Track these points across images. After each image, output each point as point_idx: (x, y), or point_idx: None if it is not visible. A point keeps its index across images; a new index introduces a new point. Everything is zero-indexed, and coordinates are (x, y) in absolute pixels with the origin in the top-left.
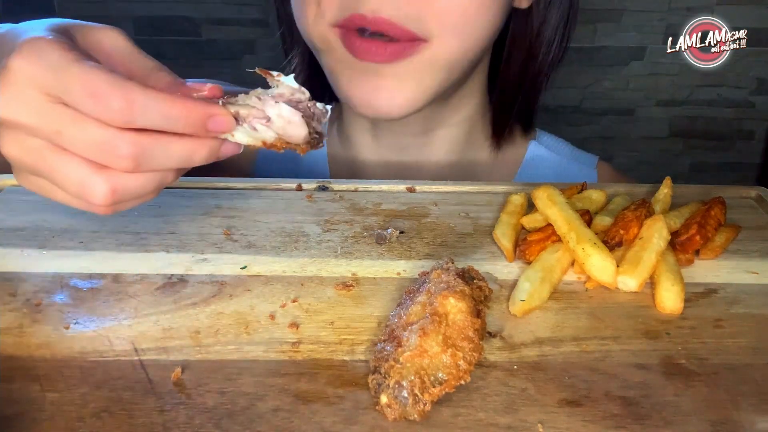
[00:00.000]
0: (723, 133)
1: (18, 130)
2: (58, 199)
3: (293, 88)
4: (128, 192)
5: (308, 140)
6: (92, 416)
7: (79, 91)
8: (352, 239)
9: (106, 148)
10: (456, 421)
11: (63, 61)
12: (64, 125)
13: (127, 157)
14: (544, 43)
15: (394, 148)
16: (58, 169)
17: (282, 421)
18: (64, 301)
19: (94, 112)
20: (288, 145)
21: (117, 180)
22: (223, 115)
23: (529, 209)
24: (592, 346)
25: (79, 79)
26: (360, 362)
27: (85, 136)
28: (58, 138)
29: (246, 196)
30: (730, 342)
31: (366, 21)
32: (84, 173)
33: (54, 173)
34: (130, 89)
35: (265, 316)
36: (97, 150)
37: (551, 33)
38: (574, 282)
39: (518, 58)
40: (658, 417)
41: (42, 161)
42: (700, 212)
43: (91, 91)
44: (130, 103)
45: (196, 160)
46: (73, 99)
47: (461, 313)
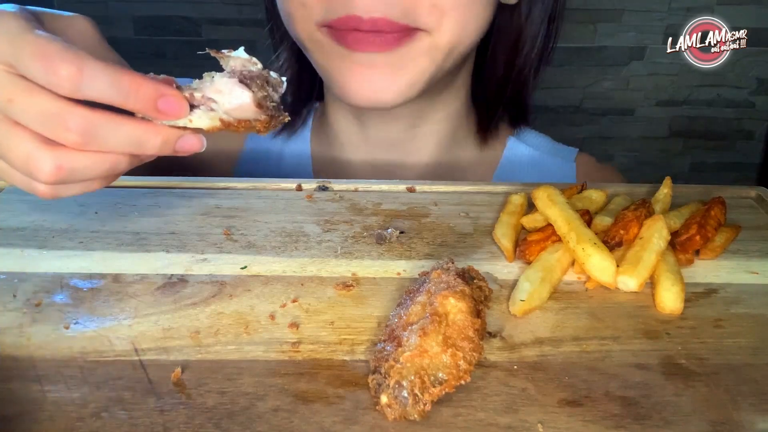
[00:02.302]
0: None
1: None
2: (5, 177)
3: (244, 59)
4: (74, 171)
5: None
6: (92, 416)
7: (29, 55)
8: (352, 239)
9: (55, 120)
10: (456, 421)
11: (19, 29)
12: (15, 94)
13: (75, 130)
14: (528, 38)
15: (380, 146)
16: (6, 141)
17: (282, 421)
18: (64, 301)
19: (43, 78)
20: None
21: (64, 157)
22: (174, 96)
23: (529, 209)
24: (592, 346)
25: (30, 43)
26: (360, 362)
27: (35, 107)
28: (9, 108)
29: (246, 196)
30: (730, 342)
31: (361, 22)
32: (31, 146)
33: (1, 146)
34: (81, 57)
35: (265, 316)
36: (46, 122)
37: (536, 27)
38: (574, 282)
39: (503, 53)
40: (658, 417)
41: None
42: (700, 212)
43: (41, 55)
44: (79, 69)
45: (149, 148)
46: (23, 64)
47: (461, 313)
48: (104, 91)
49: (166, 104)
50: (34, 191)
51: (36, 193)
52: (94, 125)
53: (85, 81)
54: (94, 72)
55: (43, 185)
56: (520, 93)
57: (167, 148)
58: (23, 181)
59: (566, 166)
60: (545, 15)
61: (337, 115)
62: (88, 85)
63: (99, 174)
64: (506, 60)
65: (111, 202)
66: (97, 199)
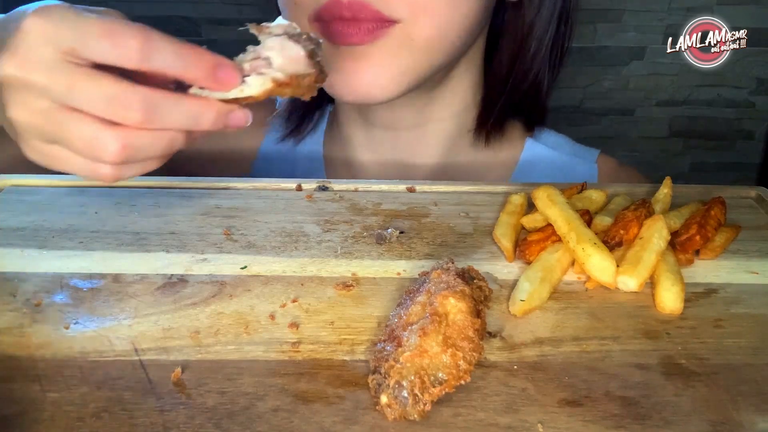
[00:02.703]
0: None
1: (28, 91)
2: (65, 166)
3: (284, 25)
4: (138, 150)
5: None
6: (92, 416)
7: (95, 36)
8: (352, 239)
9: (118, 100)
10: (456, 421)
11: (76, 15)
12: (76, 80)
13: (138, 108)
14: (535, 38)
15: (388, 145)
16: (68, 127)
17: (282, 421)
18: (64, 301)
19: (112, 54)
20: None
21: (128, 136)
22: (229, 65)
23: (529, 209)
24: (592, 346)
25: (94, 25)
26: (360, 362)
27: (97, 90)
28: (69, 95)
29: (246, 196)
30: (730, 342)
31: (342, 6)
32: (95, 129)
33: (64, 132)
34: (145, 30)
35: (265, 316)
36: (109, 103)
37: (544, 27)
38: (574, 282)
39: (508, 52)
40: (658, 417)
41: (53, 122)
42: (700, 212)
43: (107, 33)
44: (146, 41)
45: (204, 123)
46: (90, 45)
47: (461, 313)
48: (169, 62)
49: (224, 73)
50: (97, 174)
51: (98, 176)
52: (155, 103)
53: (152, 52)
54: (160, 44)
55: (108, 167)
56: (532, 95)
57: (220, 122)
58: (84, 166)
59: (587, 168)
60: (554, 14)
61: (345, 117)
62: (155, 57)
63: (159, 152)
64: (510, 59)
65: (111, 202)
66: (97, 199)
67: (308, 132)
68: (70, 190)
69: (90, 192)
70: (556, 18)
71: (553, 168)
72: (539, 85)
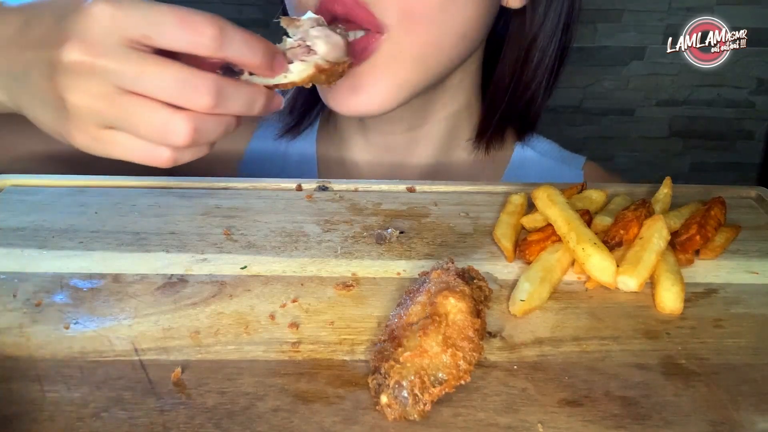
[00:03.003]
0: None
1: (93, 76)
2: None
3: (312, 18)
4: (205, 133)
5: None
6: (92, 416)
7: (172, 23)
8: (352, 239)
9: (188, 85)
10: (456, 421)
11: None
12: (146, 66)
13: (208, 93)
14: (539, 48)
15: (382, 146)
16: (135, 112)
17: (282, 421)
18: (64, 301)
19: (188, 41)
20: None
21: (196, 119)
22: (280, 53)
23: (529, 209)
24: (592, 346)
25: (169, 11)
26: (360, 362)
27: (169, 75)
28: (139, 80)
29: (246, 196)
30: (730, 342)
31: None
32: (165, 113)
33: (131, 117)
34: (218, 19)
35: (265, 316)
36: (179, 88)
37: (548, 38)
38: (574, 282)
39: (511, 61)
40: (658, 417)
41: (117, 107)
42: (700, 212)
43: (184, 21)
44: (221, 30)
45: (257, 108)
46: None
47: (461, 313)
48: (239, 50)
49: (278, 61)
50: (156, 159)
51: (157, 160)
52: (222, 88)
53: (225, 40)
54: (232, 32)
55: (168, 151)
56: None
57: (267, 108)
58: (144, 151)
59: (574, 175)
60: (559, 24)
61: (340, 117)
62: (227, 45)
63: (217, 136)
64: (513, 69)
65: (111, 202)
66: (97, 199)
67: (305, 129)
68: (70, 190)
69: (90, 192)
70: (561, 29)
71: (541, 173)
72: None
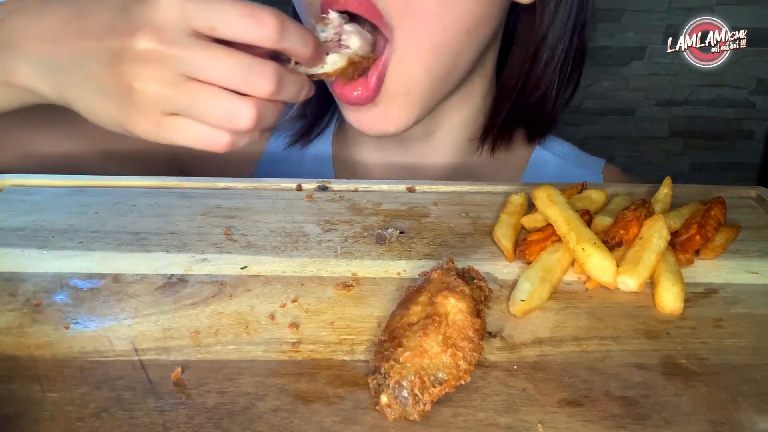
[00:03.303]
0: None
1: (162, 64)
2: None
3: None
4: (265, 118)
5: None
6: (92, 416)
7: (239, 15)
8: (352, 239)
9: (254, 72)
10: (456, 421)
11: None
12: (215, 54)
13: (271, 79)
14: (548, 47)
15: (398, 150)
16: (203, 98)
17: (282, 421)
18: (64, 301)
19: (253, 32)
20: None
21: (259, 104)
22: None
23: (529, 209)
24: (592, 346)
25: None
26: (360, 362)
27: (236, 63)
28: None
29: (246, 196)
30: (730, 342)
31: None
32: (232, 99)
33: (199, 103)
34: (277, 11)
35: (265, 316)
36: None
37: (557, 37)
38: (574, 282)
39: (520, 60)
40: (658, 417)
41: (185, 93)
42: (700, 212)
43: (249, 13)
44: (281, 22)
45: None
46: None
47: (461, 313)
48: (295, 42)
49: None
50: (215, 143)
51: (217, 145)
52: (281, 75)
53: (285, 33)
54: (290, 25)
55: (228, 136)
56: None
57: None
58: (207, 137)
59: (593, 178)
60: (568, 24)
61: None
62: (287, 37)
63: (273, 121)
64: (522, 68)
65: (111, 202)
66: (97, 199)
67: (316, 137)
68: (70, 190)
69: (90, 192)
70: (570, 29)
71: (559, 176)
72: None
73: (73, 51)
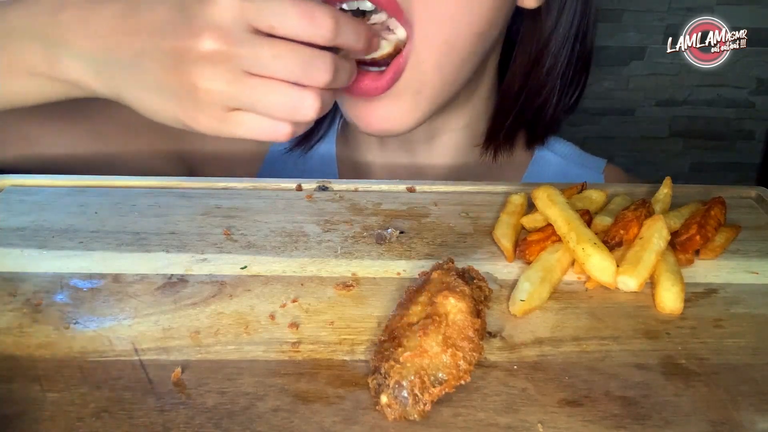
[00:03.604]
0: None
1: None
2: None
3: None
4: (324, 107)
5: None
6: (92, 416)
7: (296, 15)
8: (352, 239)
9: (313, 64)
10: (456, 421)
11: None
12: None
13: (329, 70)
14: (551, 53)
15: (401, 151)
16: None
17: (282, 421)
18: (64, 301)
19: (308, 31)
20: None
21: (321, 94)
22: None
23: (529, 209)
24: (592, 346)
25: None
26: (360, 362)
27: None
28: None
29: (246, 196)
30: (730, 342)
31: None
32: (296, 91)
33: (265, 97)
34: (333, 10)
35: (265, 316)
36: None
37: (560, 43)
38: (574, 282)
39: (522, 65)
40: (658, 417)
41: (249, 89)
42: (700, 212)
43: (305, 13)
44: (336, 20)
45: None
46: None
47: (461, 313)
48: (350, 38)
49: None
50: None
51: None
52: (337, 64)
53: (341, 30)
54: (345, 21)
55: (289, 127)
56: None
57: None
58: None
59: (594, 178)
60: (571, 30)
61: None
62: (341, 34)
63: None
64: (524, 73)
65: (111, 202)
66: (97, 199)
67: (317, 142)
68: (70, 190)
69: (90, 192)
70: (573, 35)
71: (561, 176)
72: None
73: (130, 49)
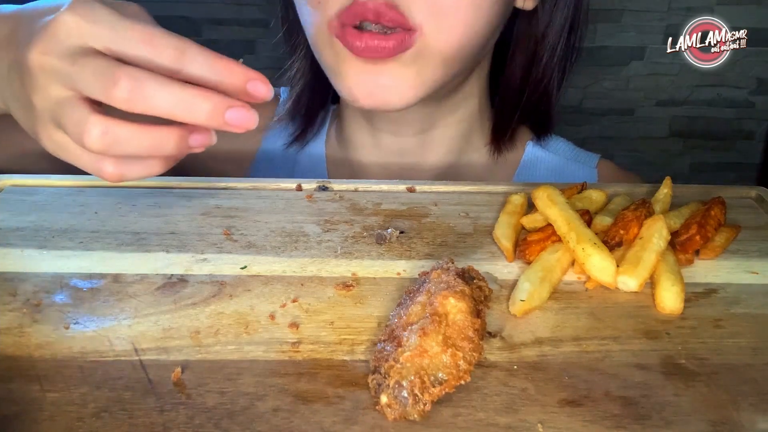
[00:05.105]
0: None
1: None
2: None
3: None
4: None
5: None
6: (92, 416)
7: (137, 41)
8: (352, 239)
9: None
10: (456, 421)
11: (115, 17)
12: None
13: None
14: (548, 47)
15: (392, 149)
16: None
17: (282, 421)
18: (64, 301)
19: (149, 60)
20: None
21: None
22: (261, 79)
23: (529, 209)
24: (592, 346)
25: (133, 29)
26: (360, 362)
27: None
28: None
29: (246, 196)
30: (730, 342)
31: (367, 9)
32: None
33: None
34: (182, 40)
35: (265, 316)
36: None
37: (556, 36)
38: (574, 282)
39: (521, 61)
40: (658, 417)
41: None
42: (700, 212)
43: (147, 40)
44: (182, 52)
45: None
46: (130, 48)
47: (461, 313)
48: (201, 71)
49: (255, 88)
50: (100, 170)
51: (101, 172)
52: (141, 79)
53: (186, 61)
54: (194, 54)
55: (111, 164)
56: (540, 104)
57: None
58: (87, 160)
59: (588, 173)
60: (566, 23)
61: (350, 119)
62: (188, 66)
63: (144, 148)
64: (523, 69)
65: (111, 202)
66: (97, 199)
67: (313, 135)
68: (70, 190)
69: (90, 192)
70: (568, 27)
71: (553, 172)
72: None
73: (4, 63)
